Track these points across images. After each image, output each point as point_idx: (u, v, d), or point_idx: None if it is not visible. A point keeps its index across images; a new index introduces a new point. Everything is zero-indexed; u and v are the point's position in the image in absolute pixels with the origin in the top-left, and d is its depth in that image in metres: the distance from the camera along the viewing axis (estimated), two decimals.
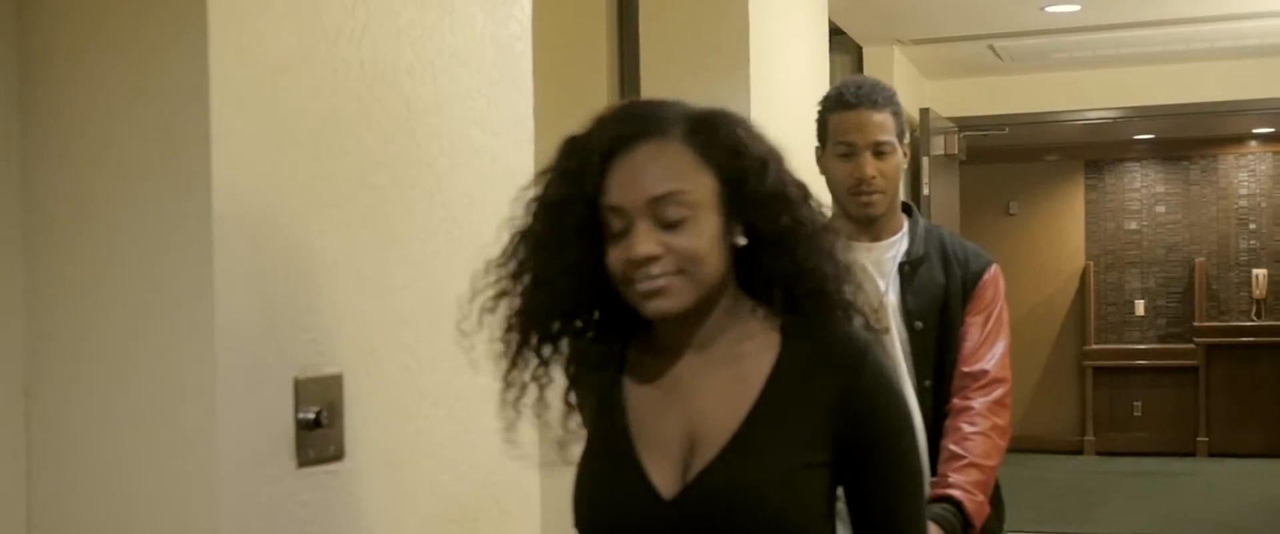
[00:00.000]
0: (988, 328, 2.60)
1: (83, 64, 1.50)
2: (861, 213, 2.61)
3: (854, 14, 5.22)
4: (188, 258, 1.46)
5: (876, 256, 2.62)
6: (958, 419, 2.53)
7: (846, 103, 2.61)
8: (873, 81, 2.68)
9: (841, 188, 2.61)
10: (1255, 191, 10.30)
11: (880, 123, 2.58)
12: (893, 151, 2.60)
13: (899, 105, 2.64)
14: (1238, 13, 5.63)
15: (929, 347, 2.58)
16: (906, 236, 2.65)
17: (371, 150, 1.76)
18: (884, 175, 2.59)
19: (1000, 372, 2.57)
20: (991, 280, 2.63)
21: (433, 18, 1.91)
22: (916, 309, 2.59)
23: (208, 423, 1.46)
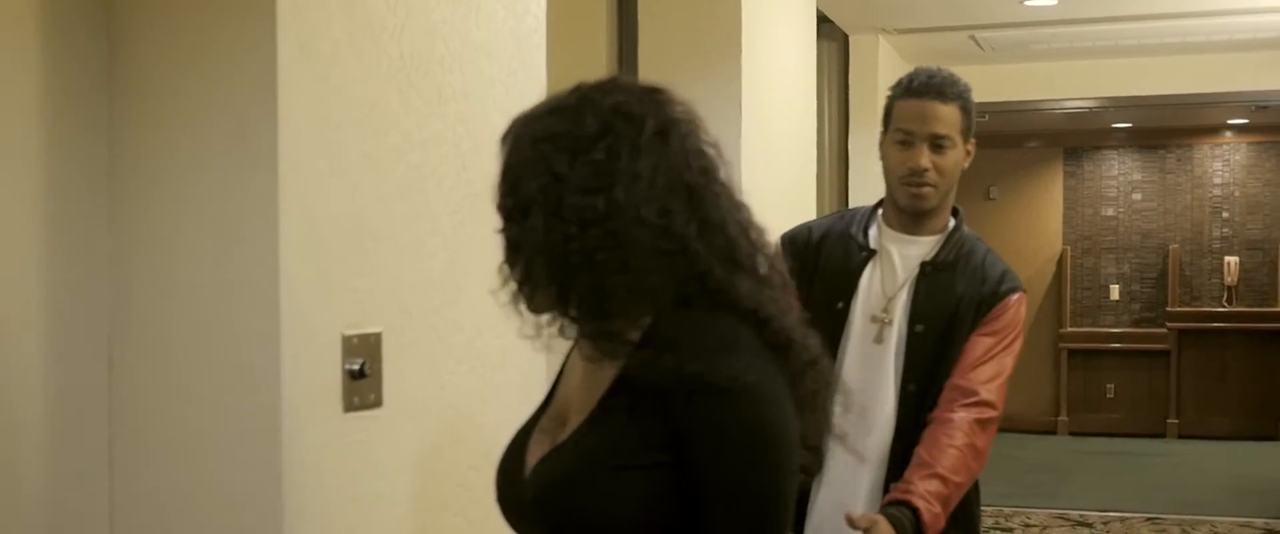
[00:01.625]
0: (994, 350, 2.50)
1: (164, 59, 1.71)
2: (909, 204, 2.55)
3: (841, 4, 5.42)
4: (257, 227, 1.67)
5: (905, 251, 2.57)
6: (937, 429, 2.44)
7: (912, 91, 2.54)
8: (947, 74, 2.57)
9: (894, 175, 2.55)
10: (1229, 181, 10.54)
11: (942, 115, 2.50)
12: (952, 147, 2.52)
13: (969, 100, 2.54)
14: (1210, 10, 5.83)
15: (924, 351, 2.50)
16: (943, 240, 2.58)
17: (408, 132, 1.97)
18: (938, 169, 2.51)
19: (992, 395, 2.48)
20: (1012, 307, 2.54)
21: (461, 13, 2.12)
22: (924, 312, 2.51)
23: (272, 371, 1.67)
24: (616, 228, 1.38)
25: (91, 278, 1.72)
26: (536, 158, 1.41)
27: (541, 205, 1.39)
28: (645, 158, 1.40)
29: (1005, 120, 8.64)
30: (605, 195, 1.38)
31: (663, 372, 1.37)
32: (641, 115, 1.42)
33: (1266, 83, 7.02)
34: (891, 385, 2.51)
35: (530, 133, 1.43)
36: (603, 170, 1.39)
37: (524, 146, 1.43)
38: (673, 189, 1.40)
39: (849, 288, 2.57)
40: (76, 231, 1.70)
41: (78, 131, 1.70)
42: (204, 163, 1.69)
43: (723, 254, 1.42)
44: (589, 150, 1.39)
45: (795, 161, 4.70)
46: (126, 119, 1.72)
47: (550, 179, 1.39)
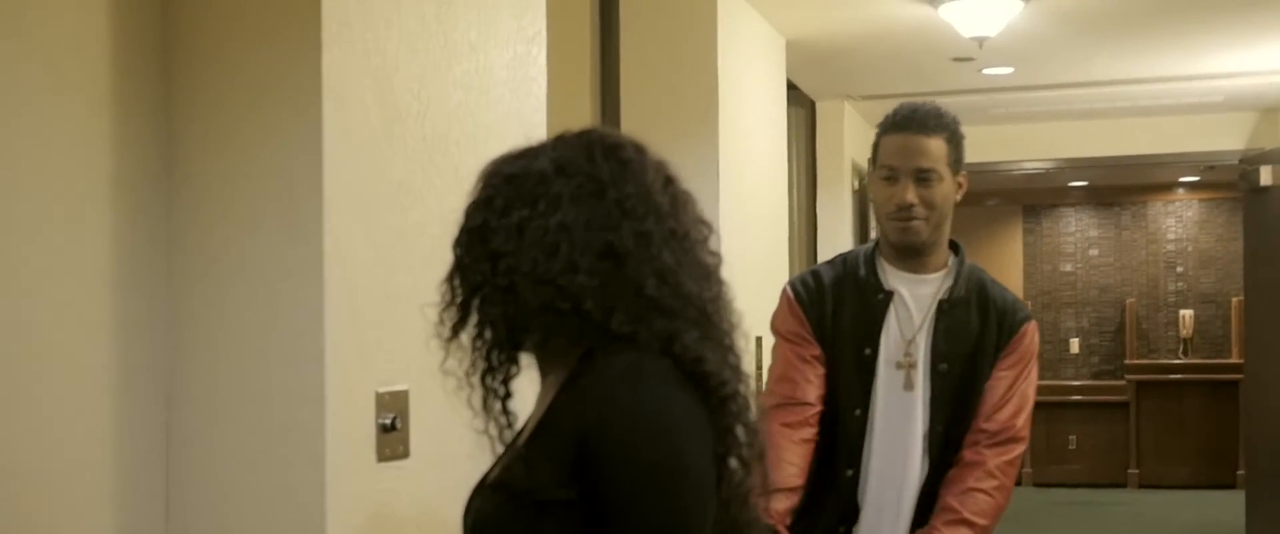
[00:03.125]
0: (1016, 384, 2.48)
1: (220, 142, 1.90)
2: (899, 239, 2.49)
3: (808, 73, 5.68)
4: (304, 295, 1.86)
5: (916, 291, 2.52)
6: (966, 472, 2.42)
7: (896, 125, 2.50)
8: (932, 107, 2.53)
9: (881, 211, 2.50)
10: (1182, 236, 10.88)
11: (926, 149, 2.45)
12: (939, 180, 2.45)
13: (955, 132, 2.50)
14: (1156, 76, 6.14)
15: (948, 392, 2.47)
16: (952, 275, 2.53)
17: (430, 207, 2.17)
18: (926, 203, 2.45)
19: (1021, 431, 2.47)
20: (1028, 335, 2.53)
21: (474, 98, 2.33)
22: (946, 351, 2.47)
23: (317, 425, 1.86)
24: (515, 280, 1.42)
25: (151, 344, 1.90)
26: (485, 195, 1.48)
27: (471, 240, 1.47)
28: (563, 213, 1.42)
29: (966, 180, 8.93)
30: (517, 244, 1.42)
31: (570, 409, 1.38)
32: (578, 171, 1.44)
33: (1214, 144, 7.35)
34: (919, 429, 2.47)
35: (490, 170, 1.50)
36: (523, 219, 1.42)
37: (481, 182, 1.50)
38: (587, 248, 1.41)
39: (874, 333, 2.50)
40: (138, 302, 1.88)
41: (140, 208, 1.89)
42: (256, 237, 1.88)
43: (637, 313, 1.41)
44: (523, 196, 1.43)
45: (769, 222, 4.93)
46: (185, 197, 1.91)
47: (486, 216, 1.45)
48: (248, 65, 1.89)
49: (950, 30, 4.65)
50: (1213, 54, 5.63)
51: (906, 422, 2.48)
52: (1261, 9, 4.79)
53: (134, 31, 1.88)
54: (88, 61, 1.82)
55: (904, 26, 4.93)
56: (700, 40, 4.22)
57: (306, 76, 1.86)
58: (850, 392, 2.50)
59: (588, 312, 1.41)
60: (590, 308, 1.41)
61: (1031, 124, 7.47)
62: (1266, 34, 5.21)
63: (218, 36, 1.91)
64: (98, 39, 1.83)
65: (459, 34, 2.27)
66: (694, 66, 4.23)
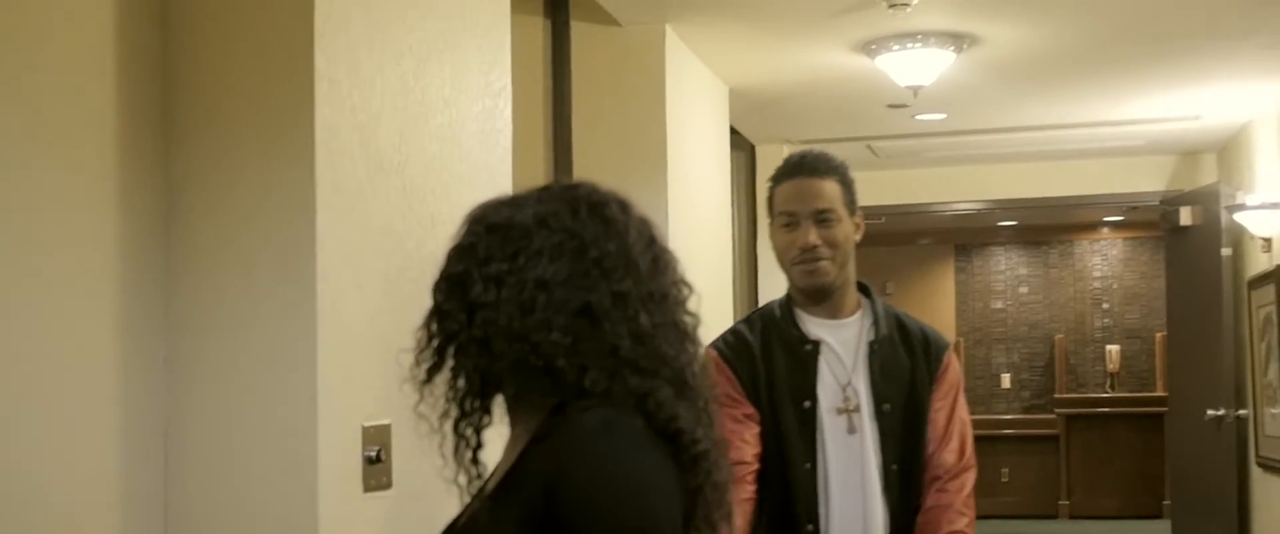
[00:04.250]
0: (955, 414, 2.54)
1: (221, 195, 2.04)
2: (807, 282, 2.51)
3: (750, 119, 5.87)
4: (297, 334, 2.00)
5: (840, 336, 2.54)
6: (938, 516, 2.48)
7: (788, 173, 2.54)
8: (820, 153, 2.58)
9: (785, 258, 2.53)
10: (1108, 274, 11.21)
11: (822, 190, 2.49)
12: (838, 220, 2.49)
13: (845, 175, 2.55)
14: (1080, 122, 6.40)
15: (897, 428, 2.50)
16: (868, 314, 2.56)
17: (409, 252, 2.31)
18: (829, 243, 2.48)
19: (971, 459, 2.53)
20: (952, 361, 2.59)
21: (448, 150, 2.48)
22: (886, 390, 2.50)
23: (311, 457, 1.99)
24: (490, 333, 1.41)
25: (152, 382, 2.02)
26: (466, 243, 1.47)
27: (449, 288, 1.46)
28: (541, 269, 1.41)
29: (900, 221, 9.17)
30: (495, 296, 1.41)
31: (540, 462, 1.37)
32: (560, 226, 1.44)
33: (1136, 186, 7.63)
34: (875, 470, 2.49)
35: (473, 216, 1.50)
36: (502, 271, 1.42)
37: (463, 229, 1.49)
38: (563, 306, 1.41)
39: (811, 384, 2.51)
40: (141, 343, 2.01)
41: (144, 256, 2.02)
42: (253, 282, 2.02)
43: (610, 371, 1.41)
44: (504, 247, 1.43)
45: (715, 265, 5.10)
46: (187, 245, 2.04)
47: (466, 265, 1.45)
48: (245, 122, 2.03)
49: (886, 79, 4.86)
50: (1133, 101, 5.90)
51: (859, 466, 2.49)
52: (1178, 59, 5.05)
53: (138, 93, 2.02)
54: (96, 120, 1.95)
55: (842, 75, 5.14)
56: (649, 90, 4.40)
57: (301, 133, 2.00)
58: (797, 446, 2.50)
59: (560, 369, 1.40)
60: (562, 366, 1.40)
61: (963, 167, 7.71)
62: (1183, 83, 5.48)
63: (216, 96, 2.05)
64: (105, 101, 1.96)
65: (434, 90, 2.42)
66: (643, 115, 4.40)
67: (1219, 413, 6.52)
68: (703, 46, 4.71)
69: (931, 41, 4.53)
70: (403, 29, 2.31)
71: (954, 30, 4.49)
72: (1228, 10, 4.34)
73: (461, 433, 1.50)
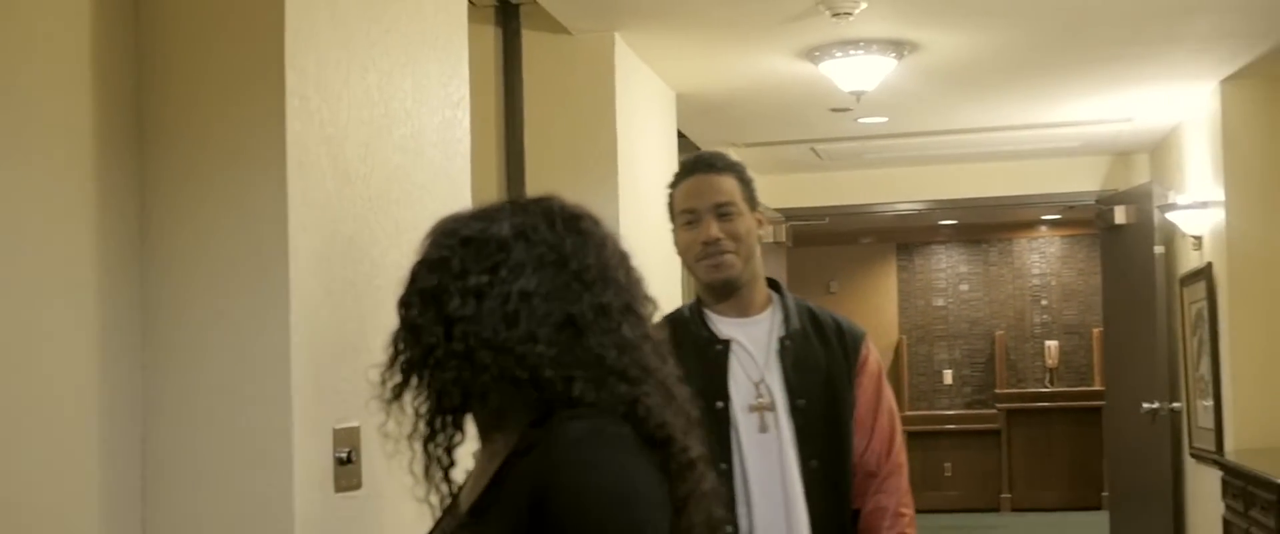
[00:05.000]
0: (880, 411, 2.53)
1: (195, 208, 2.11)
2: (713, 276, 2.50)
3: (697, 122, 5.97)
4: (271, 341, 2.07)
5: (750, 333, 2.53)
6: (877, 519, 2.49)
7: (685, 173, 2.56)
8: (712, 152, 2.61)
9: (690, 256, 2.52)
10: (1046, 271, 11.44)
11: (719, 185, 2.50)
12: (739, 214, 2.49)
13: (743, 172, 2.55)
14: (1015, 124, 6.57)
15: (814, 425, 2.47)
16: (779, 310, 2.55)
17: (375, 260, 2.39)
18: (731, 236, 2.47)
19: (901, 455, 2.53)
20: (870, 350, 2.57)
21: (410, 160, 2.55)
22: (800, 386, 2.49)
23: (285, 458, 2.06)
24: (472, 346, 1.40)
25: (130, 386, 2.09)
26: (438, 256, 1.46)
27: (423, 302, 1.45)
28: (524, 281, 1.41)
29: (843, 221, 9.33)
30: (475, 309, 1.40)
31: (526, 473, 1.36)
32: (540, 239, 1.44)
33: (1072, 186, 7.83)
34: (795, 469, 2.47)
35: (443, 230, 1.49)
36: (482, 285, 1.41)
37: (433, 242, 1.48)
38: (546, 318, 1.41)
39: (722, 384, 2.50)
40: (117, 350, 2.07)
41: (119, 266, 2.08)
42: (227, 290, 2.09)
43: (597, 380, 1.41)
44: (482, 261, 1.42)
45: (666, 269, 5.19)
46: (161, 255, 2.11)
47: (441, 279, 1.44)
48: (218, 137, 2.10)
49: (830, 84, 4.99)
50: (1068, 104, 6.07)
51: (776, 466, 2.47)
52: (1110, 65, 5.22)
53: (113, 109, 2.08)
54: (72, 135, 2.01)
55: (786, 81, 5.26)
56: (599, 96, 4.49)
57: (272, 146, 2.08)
58: (712, 448, 2.47)
59: (547, 380, 1.40)
60: (550, 376, 1.40)
61: (904, 168, 7.88)
62: (1116, 87, 5.66)
63: (190, 112, 2.12)
64: (81, 117, 2.02)
65: (397, 102, 2.50)
66: (594, 121, 4.49)
67: (1154, 406, 6.71)
68: (651, 53, 4.81)
69: (873, 49, 4.66)
70: (367, 44, 2.39)
71: (895, 38, 4.63)
72: (1155, 19, 4.51)
73: (433, 452, 1.49)
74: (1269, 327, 5.54)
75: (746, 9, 4.28)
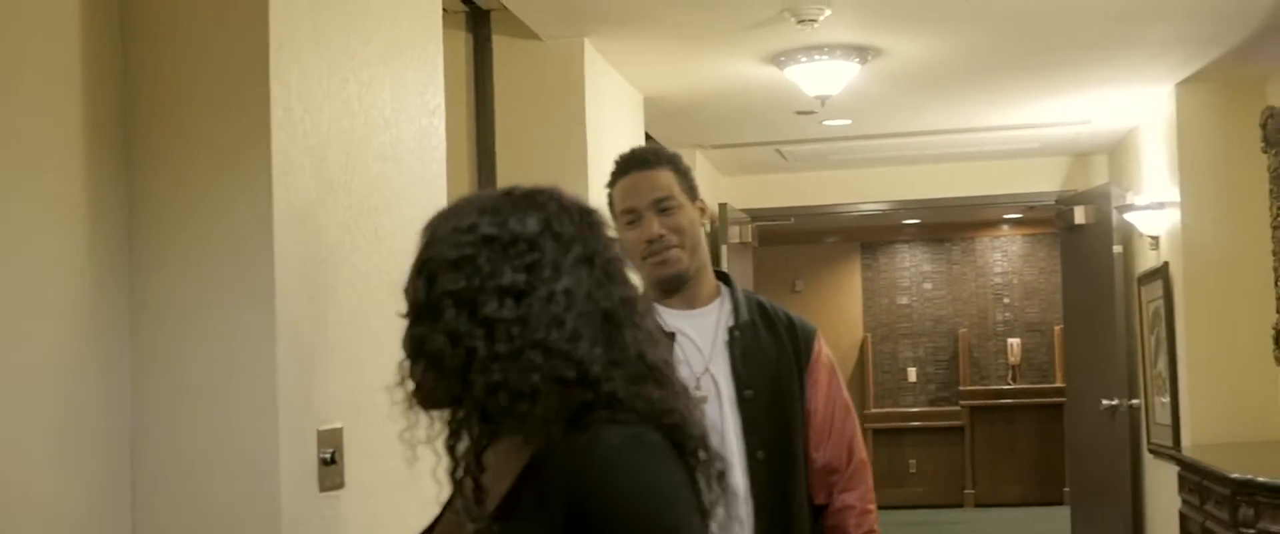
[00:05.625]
0: (835, 408, 2.54)
1: (183, 218, 2.17)
2: (661, 273, 2.49)
3: (664, 125, 6.05)
4: (257, 346, 2.13)
5: (696, 324, 2.52)
6: (844, 518, 2.51)
7: (620, 172, 2.54)
8: (645, 147, 2.59)
9: (636, 255, 2.49)
10: (1008, 270, 11.59)
11: (657, 181, 2.48)
12: (679, 208, 2.48)
13: (678, 163, 2.54)
14: (976, 126, 6.69)
15: (761, 416, 2.47)
16: (728, 302, 2.55)
17: (356, 266, 2.45)
18: (675, 230, 2.47)
19: (861, 452, 2.53)
20: (822, 346, 2.57)
21: (388, 168, 2.62)
22: (747, 377, 2.48)
23: (272, 459, 2.12)
24: (519, 347, 1.37)
25: (119, 390, 2.15)
26: (460, 256, 1.41)
27: (457, 305, 1.40)
28: (566, 279, 1.40)
29: (808, 221, 9.43)
30: (516, 310, 1.37)
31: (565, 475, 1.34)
32: (571, 237, 1.43)
33: (1032, 186, 7.96)
34: (739, 460, 2.46)
35: (454, 227, 1.44)
36: (520, 284, 1.38)
37: (447, 241, 1.43)
38: (586, 315, 1.40)
39: None
40: (107, 354, 2.13)
41: (107, 273, 2.14)
42: (215, 297, 2.15)
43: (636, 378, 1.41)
44: (513, 260, 1.39)
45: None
46: (149, 264, 2.17)
47: (471, 280, 1.39)
48: (205, 149, 2.16)
49: (795, 88, 5.08)
50: (1028, 106, 6.19)
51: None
52: (1068, 68, 5.34)
53: (102, 121, 2.14)
54: (62, 146, 2.07)
55: (752, 85, 5.35)
56: (569, 100, 4.57)
57: (258, 157, 2.14)
58: None
59: (595, 378, 1.38)
60: (597, 375, 1.38)
61: (868, 169, 7.99)
62: (1074, 89, 5.78)
63: (177, 124, 2.17)
64: (71, 128, 2.08)
65: (376, 112, 2.57)
66: (564, 124, 4.57)
67: (1113, 403, 6.85)
68: (619, 58, 4.89)
69: (837, 54, 4.76)
70: (346, 55, 2.45)
71: (859, 43, 4.73)
72: (1112, 25, 4.62)
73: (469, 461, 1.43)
74: (1222, 325, 5.67)
75: (713, 15, 4.37)
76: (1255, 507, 4.31)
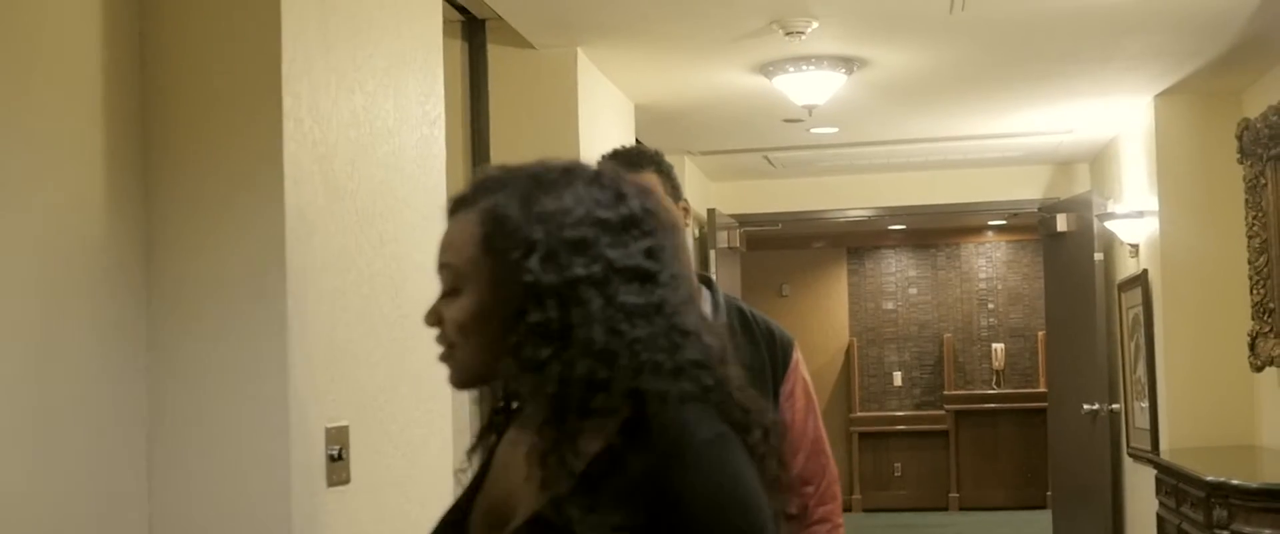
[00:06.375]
0: (806, 418, 2.57)
1: (198, 225, 2.26)
2: None
3: (653, 132, 6.15)
4: (270, 347, 2.23)
5: None
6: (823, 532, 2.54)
7: None
8: (629, 148, 2.61)
9: None
10: (992, 276, 11.72)
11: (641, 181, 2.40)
12: None
13: (661, 162, 2.56)
14: (961, 135, 6.81)
15: None
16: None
17: (361, 270, 2.55)
18: None
19: (832, 467, 2.58)
20: (798, 358, 2.62)
21: (393, 175, 2.72)
22: None
23: (283, 456, 2.22)
24: (657, 331, 1.33)
25: (136, 390, 2.24)
26: (580, 237, 1.34)
27: (595, 290, 1.33)
28: (677, 263, 1.38)
29: (795, 226, 9.55)
30: (653, 295, 1.34)
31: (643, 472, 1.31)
32: (669, 222, 1.40)
33: (1015, 194, 8.08)
34: None
35: (562, 208, 1.35)
36: (648, 268, 1.35)
37: (557, 221, 1.35)
38: (678, 303, 1.38)
39: None
40: (126, 355, 2.22)
41: (125, 276, 2.24)
42: (229, 299, 2.25)
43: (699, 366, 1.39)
44: (634, 242, 1.35)
45: None
46: (167, 269, 2.27)
47: (602, 263, 1.33)
48: (220, 158, 2.26)
49: (782, 97, 5.19)
50: (1011, 116, 6.30)
51: None
52: (1050, 80, 5.46)
53: (122, 132, 2.24)
54: (85, 154, 2.17)
55: (740, 93, 5.46)
56: (562, 108, 4.67)
57: (271, 166, 2.24)
58: None
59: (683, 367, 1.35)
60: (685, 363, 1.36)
61: (854, 175, 8.10)
62: (1056, 100, 5.90)
63: (194, 135, 2.28)
64: (93, 139, 2.18)
65: (380, 122, 2.67)
66: (557, 132, 4.66)
67: (1094, 407, 6.97)
68: (611, 67, 4.99)
69: (824, 65, 4.87)
70: (353, 67, 2.56)
71: (845, 55, 4.84)
72: (1092, 38, 4.74)
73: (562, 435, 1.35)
74: (1200, 332, 5.79)
75: (703, 26, 4.47)
76: (1229, 508, 4.43)
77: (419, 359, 2.77)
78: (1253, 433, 5.65)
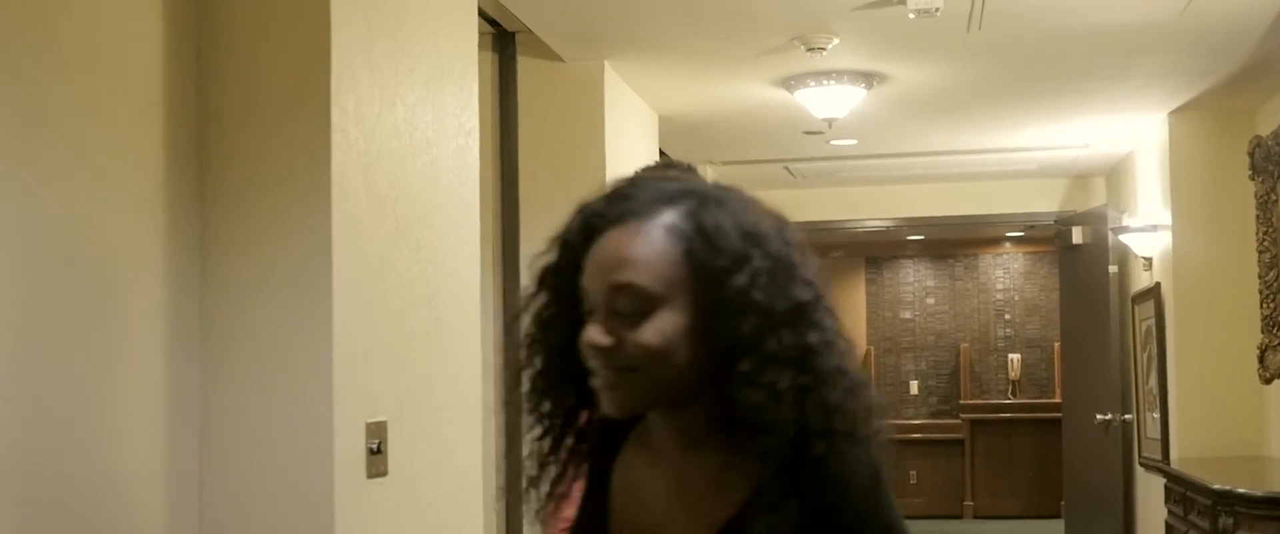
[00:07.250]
0: None
1: (248, 230, 2.41)
2: None
3: (677, 142, 6.29)
4: (316, 345, 2.37)
5: None
6: None
7: None
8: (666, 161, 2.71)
9: None
10: (1010, 287, 11.80)
11: None
12: None
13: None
14: (979, 148, 6.91)
15: None
16: None
17: (400, 273, 2.70)
18: None
19: None
20: None
21: (429, 184, 2.87)
22: None
23: (326, 448, 2.36)
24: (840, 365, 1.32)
25: (189, 385, 2.39)
26: (789, 258, 1.30)
27: (823, 314, 1.31)
28: None
29: (815, 236, 9.49)
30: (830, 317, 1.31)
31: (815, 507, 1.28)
32: None
33: (1032, 206, 8.18)
34: None
35: (761, 227, 1.31)
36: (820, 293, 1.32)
37: (768, 240, 1.30)
38: None
39: None
40: (178, 352, 2.37)
41: (182, 278, 2.38)
42: (278, 301, 2.39)
43: None
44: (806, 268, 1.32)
45: None
46: (220, 273, 2.41)
47: (814, 288, 1.31)
48: (270, 167, 2.41)
49: (803, 110, 5.31)
50: (1027, 130, 6.41)
51: None
52: (1066, 96, 5.57)
53: (181, 144, 2.39)
54: (145, 169, 2.31)
55: (762, 106, 5.58)
56: (589, 120, 4.81)
57: (319, 175, 2.38)
58: None
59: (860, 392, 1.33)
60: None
61: (873, 186, 8.21)
62: (1071, 115, 6.01)
63: (247, 144, 2.42)
64: (153, 152, 2.33)
65: (419, 133, 2.81)
66: (584, 143, 4.80)
67: (1107, 417, 7.06)
68: (637, 79, 5.13)
69: (845, 79, 4.99)
70: (395, 81, 2.70)
71: (865, 70, 4.96)
72: (1107, 56, 4.86)
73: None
74: (1210, 344, 5.89)
75: (727, 41, 4.60)
76: (1234, 516, 4.54)
77: (452, 360, 2.92)
78: (1261, 443, 5.74)
